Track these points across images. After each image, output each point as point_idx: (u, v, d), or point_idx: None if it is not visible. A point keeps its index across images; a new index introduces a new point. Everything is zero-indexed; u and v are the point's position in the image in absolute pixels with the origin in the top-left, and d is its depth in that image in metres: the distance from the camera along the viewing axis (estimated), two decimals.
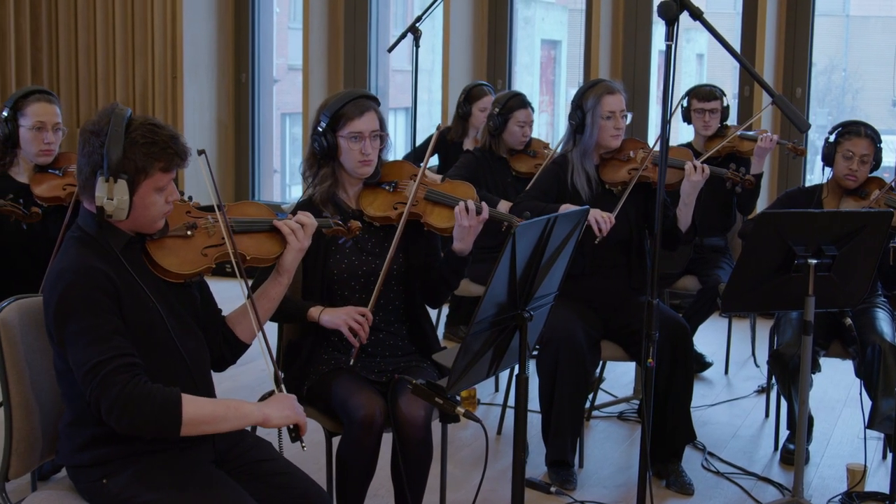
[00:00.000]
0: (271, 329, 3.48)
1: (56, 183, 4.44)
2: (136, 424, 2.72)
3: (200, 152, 3.06)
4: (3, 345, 2.99)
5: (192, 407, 2.76)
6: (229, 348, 3.25)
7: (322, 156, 3.85)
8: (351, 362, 3.75)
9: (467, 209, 3.75)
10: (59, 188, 4.41)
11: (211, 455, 3.03)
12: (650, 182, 4.67)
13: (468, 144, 6.75)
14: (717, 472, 4.83)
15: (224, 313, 3.29)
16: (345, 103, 3.81)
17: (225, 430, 2.86)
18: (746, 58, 4.60)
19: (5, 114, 4.44)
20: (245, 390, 5.57)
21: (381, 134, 3.86)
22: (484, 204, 3.82)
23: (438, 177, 4.21)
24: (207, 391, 3.07)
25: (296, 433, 2.94)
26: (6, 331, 3.00)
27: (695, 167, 4.60)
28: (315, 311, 3.74)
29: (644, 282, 4.76)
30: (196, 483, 2.87)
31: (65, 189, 4.40)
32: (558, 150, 5.94)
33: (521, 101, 6.02)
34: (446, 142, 6.91)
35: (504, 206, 5.66)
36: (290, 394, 3.00)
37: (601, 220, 4.47)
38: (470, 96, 6.82)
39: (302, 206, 3.92)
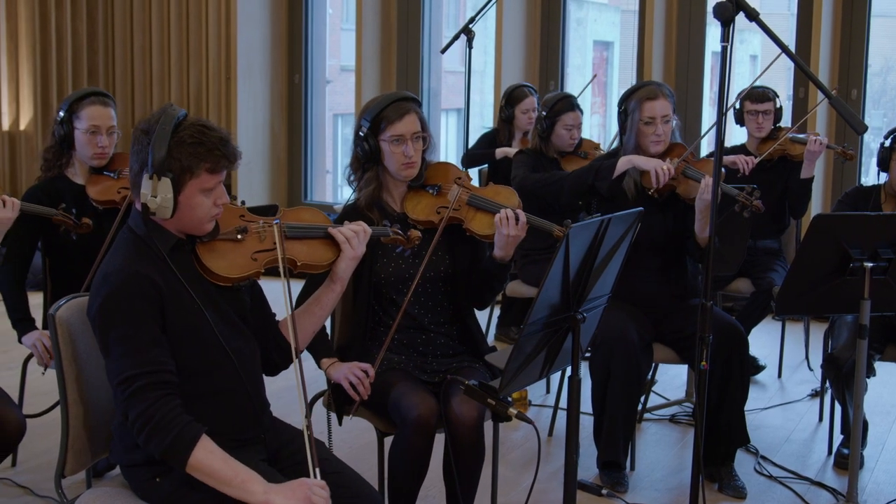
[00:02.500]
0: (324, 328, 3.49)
1: (111, 185, 4.46)
2: (149, 444, 2.74)
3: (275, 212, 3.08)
4: (59, 343, 3.02)
5: (204, 454, 2.73)
6: (280, 354, 3.26)
7: (365, 160, 3.86)
8: (350, 417, 3.77)
9: (509, 218, 3.74)
10: (114, 191, 4.44)
11: (263, 454, 3.05)
12: (677, 194, 4.61)
13: (515, 146, 6.75)
14: (770, 476, 4.79)
15: (277, 316, 3.31)
16: (384, 107, 3.81)
17: (222, 491, 2.76)
18: (801, 59, 4.55)
19: (61, 115, 4.46)
20: (297, 390, 5.58)
21: (424, 135, 3.85)
22: (520, 212, 3.80)
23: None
24: (257, 390, 3.08)
25: None
26: (62, 329, 3.03)
27: (708, 185, 4.50)
28: (326, 363, 3.78)
29: (685, 286, 4.73)
30: None
31: (119, 192, 4.42)
32: (610, 150, 5.95)
33: (568, 104, 5.99)
34: (495, 143, 6.91)
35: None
36: (316, 481, 2.83)
37: (661, 171, 4.46)
38: (511, 99, 6.81)
39: (347, 210, 3.93)
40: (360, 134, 3.83)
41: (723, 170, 4.15)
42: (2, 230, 3.99)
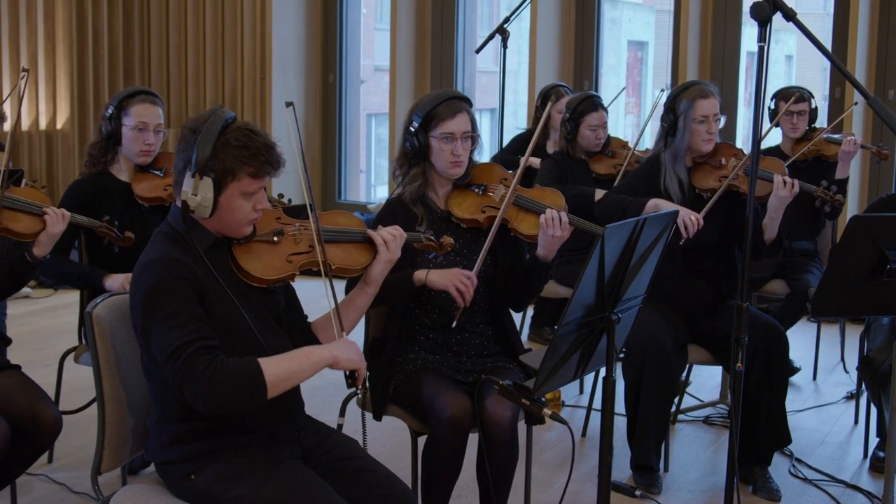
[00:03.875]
0: (357, 327, 3.50)
1: (157, 183, 4.49)
2: (224, 400, 2.72)
3: (289, 104, 3.08)
4: (96, 341, 3.04)
5: (270, 368, 2.76)
6: None
7: (413, 155, 3.87)
8: (454, 324, 3.77)
9: (554, 219, 3.74)
10: (161, 188, 4.46)
11: (297, 452, 3.06)
12: (740, 192, 4.61)
13: (550, 147, 6.74)
14: (805, 479, 4.77)
15: (310, 318, 3.33)
16: (438, 104, 3.82)
17: (303, 380, 2.85)
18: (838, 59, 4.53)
19: (110, 111, 4.49)
20: (332, 387, 5.61)
21: (473, 135, 3.87)
22: (565, 213, 3.80)
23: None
24: (292, 390, 3.07)
25: (352, 379, 2.94)
26: (99, 327, 3.05)
27: (784, 182, 4.51)
28: (421, 274, 3.74)
29: (734, 287, 4.71)
30: (282, 479, 2.89)
31: (165, 189, 4.44)
32: (637, 148, 5.93)
33: (591, 105, 5.98)
34: (526, 146, 6.89)
35: (601, 194, 5.63)
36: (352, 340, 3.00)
37: (689, 222, 4.42)
38: (546, 98, 6.80)
39: (391, 204, 3.94)
40: (411, 129, 3.84)
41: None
42: (51, 242, 4.02)
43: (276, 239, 3.11)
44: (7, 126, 6.87)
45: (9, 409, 3.58)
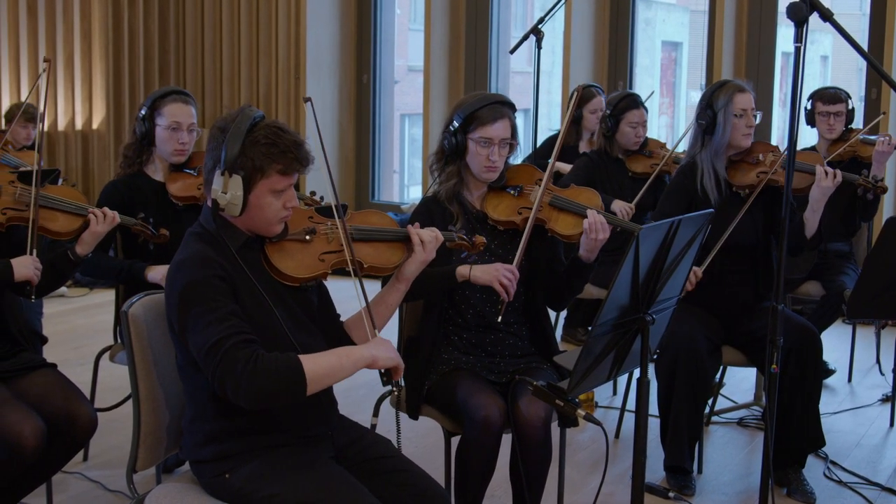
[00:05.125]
0: (391, 326, 3.50)
1: (191, 182, 4.51)
2: (266, 395, 2.72)
3: (306, 99, 3.08)
4: (132, 340, 3.06)
5: (311, 364, 2.77)
6: None
7: (450, 153, 3.87)
8: (498, 319, 3.76)
9: (598, 223, 3.74)
10: (194, 187, 4.48)
11: (331, 451, 3.06)
12: (779, 186, 4.59)
13: (583, 147, 6.73)
14: (840, 482, 4.74)
15: (342, 317, 3.34)
16: (481, 106, 3.80)
17: (343, 378, 2.85)
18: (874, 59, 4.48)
19: (143, 112, 4.51)
20: (365, 387, 5.62)
21: (512, 142, 3.85)
22: (602, 213, 3.79)
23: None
24: (325, 388, 3.10)
25: (387, 377, 2.95)
26: (135, 326, 3.07)
27: (826, 172, 4.50)
28: (465, 269, 3.75)
29: (770, 288, 4.68)
30: (316, 478, 2.89)
31: (199, 188, 4.46)
32: (676, 149, 5.91)
33: (632, 102, 5.98)
34: (562, 145, 6.88)
35: (618, 205, 5.63)
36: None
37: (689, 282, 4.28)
38: (580, 99, 6.78)
39: (427, 202, 3.94)
40: (451, 128, 3.84)
41: None
42: (95, 241, 4.05)
43: (308, 238, 3.12)
44: (43, 127, 6.92)
45: (45, 407, 3.61)
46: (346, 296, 3.09)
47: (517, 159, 4.14)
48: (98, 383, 4.84)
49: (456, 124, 3.82)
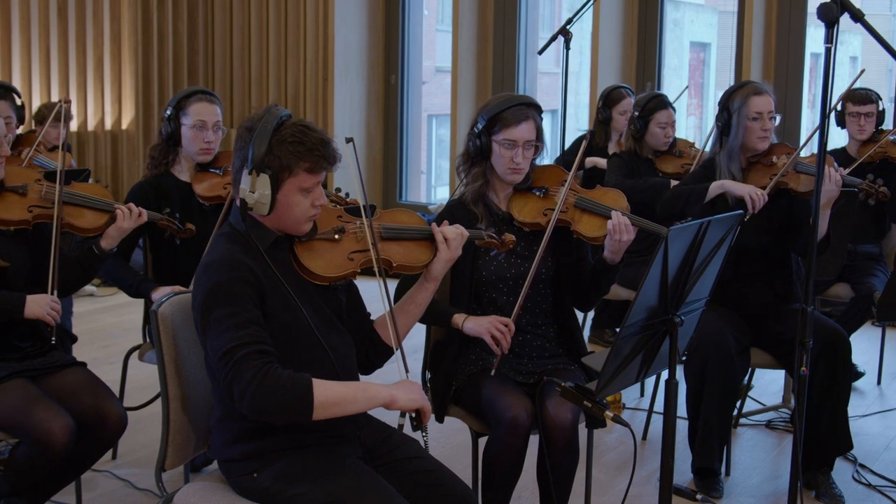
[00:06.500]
0: (419, 329, 3.50)
1: (216, 182, 4.52)
2: (268, 409, 2.73)
3: (348, 140, 3.07)
4: (161, 339, 3.07)
5: (322, 390, 2.76)
6: (375, 352, 3.29)
7: (475, 155, 3.87)
8: (493, 372, 3.73)
9: (623, 224, 3.73)
10: (220, 187, 4.50)
11: (359, 451, 3.06)
12: (789, 189, 4.56)
13: (612, 148, 6.72)
14: (869, 485, 4.72)
15: (372, 316, 3.33)
16: (505, 108, 3.80)
17: (354, 412, 2.85)
18: None
19: (168, 112, 4.53)
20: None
21: (537, 144, 3.84)
22: (627, 215, 3.78)
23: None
24: None
25: (418, 421, 2.92)
26: (164, 326, 3.08)
27: (829, 176, 4.43)
28: (459, 319, 3.74)
29: (790, 290, 4.66)
30: (344, 477, 2.90)
31: (225, 188, 4.48)
32: (705, 149, 5.90)
33: (661, 103, 5.98)
34: (591, 147, 6.87)
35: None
36: (417, 382, 2.97)
37: (755, 197, 4.39)
38: (609, 100, 6.77)
39: (452, 204, 3.94)
40: (475, 130, 3.84)
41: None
42: (120, 237, 4.07)
43: (337, 237, 3.13)
44: (73, 126, 6.98)
45: (75, 405, 3.63)
46: (375, 296, 3.09)
47: (545, 160, 4.13)
48: (127, 382, 4.87)
49: (480, 126, 3.82)
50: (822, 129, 3.33)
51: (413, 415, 2.93)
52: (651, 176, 5.97)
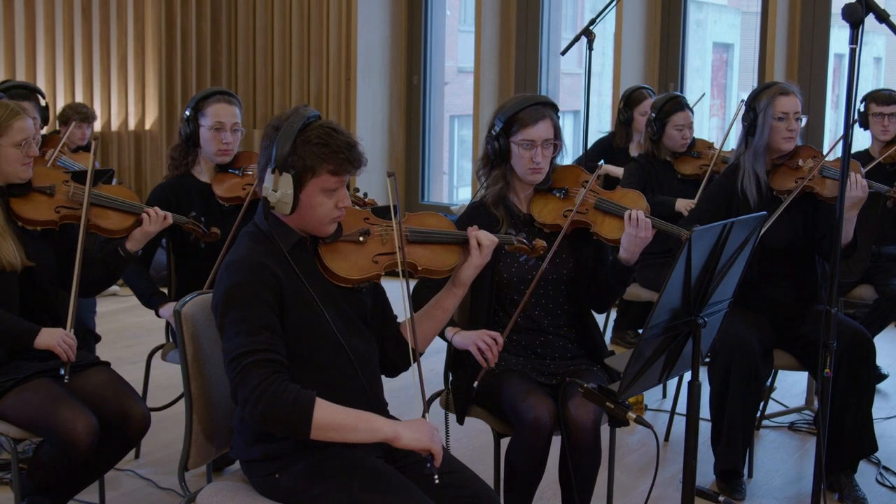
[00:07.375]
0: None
1: (236, 182, 4.53)
2: (267, 419, 2.74)
3: (390, 175, 3.04)
4: (185, 339, 3.08)
5: (324, 412, 2.75)
6: (400, 355, 3.27)
7: (494, 158, 3.87)
8: (475, 384, 3.73)
9: (638, 217, 3.72)
10: (239, 188, 4.51)
11: (379, 451, 3.06)
12: (815, 193, 4.54)
13: (633, 149, 6.70)
14: (892, 488, 4.70)
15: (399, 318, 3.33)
16: (521, 109, 3.80)
17: (353, 441, 2.81)
18: None
19: (187, 114, 4.54)
20: (413, 388, 5.61)
21: (555, 143, 3.84)
22: (647, 217, 3.77)
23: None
24: (375, 390, 3.11)
25: (430, 463, 2.85)
26: (188, 325, 3.09)
27: (855, 181, 4.40)
28: (450, 332, 3.74)
29: (815, 292, 4.64)
30: (366, 477, 2.90)
31: (244, 189, 4.48)
32: (723, 148, 5.87)
33: (677, 104, 5.95)
34: (612, 148, 6.86)
35: (682, 204, 5.59)
36: (432, 424, 2.90)
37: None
38: (630, 101, 6.76)
39: (473, 207, 3.94)
40: (493, 132, 3.84)
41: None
42: (145, 239, 4.08)
43: (362, 239, 3.12)
44: (97, 126, 7.00)
45: (98, 404, 3.64)
46: (397, 296, 3.10)
47: (566, 160, 4.13)
48: (150, 381, 4.88)
49: (498, 129, 3.82)
50: (847, 133, 3.32)
51: (424, 455, 2.86)
52: (669, 178, 5.95)
